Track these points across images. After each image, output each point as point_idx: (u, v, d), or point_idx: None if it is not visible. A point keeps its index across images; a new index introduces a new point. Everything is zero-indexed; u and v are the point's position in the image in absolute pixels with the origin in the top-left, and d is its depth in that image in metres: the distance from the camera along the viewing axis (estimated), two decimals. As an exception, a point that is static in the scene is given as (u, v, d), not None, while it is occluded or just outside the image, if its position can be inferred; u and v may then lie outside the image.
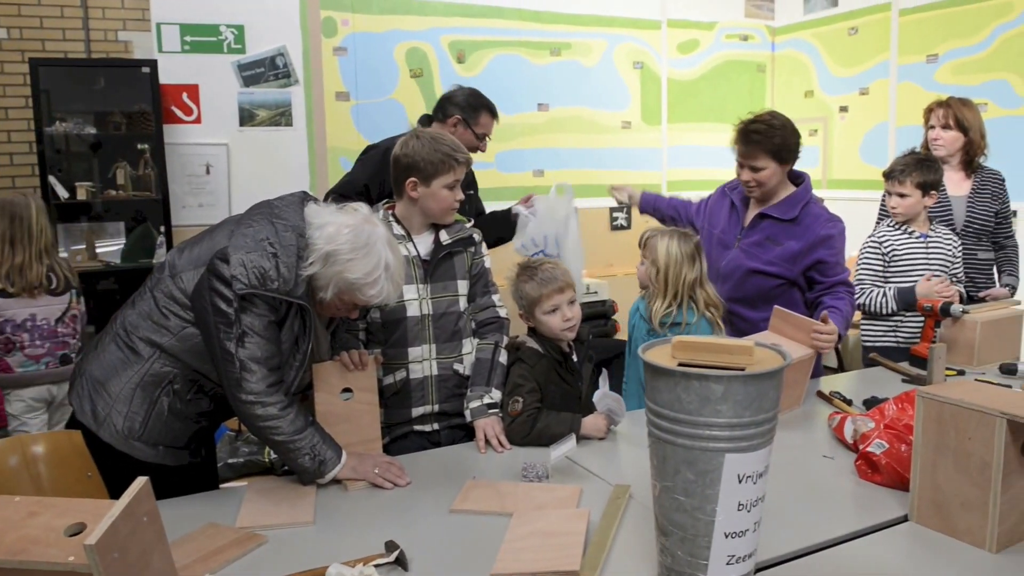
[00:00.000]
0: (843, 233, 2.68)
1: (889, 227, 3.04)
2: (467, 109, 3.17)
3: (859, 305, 2.96)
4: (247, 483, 1.94)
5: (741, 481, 1.25)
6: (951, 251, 3.02)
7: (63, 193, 4.14)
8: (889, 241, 3.00)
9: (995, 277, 3.37)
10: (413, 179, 2.16)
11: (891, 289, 2.93)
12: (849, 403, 2.35)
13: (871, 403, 2.28)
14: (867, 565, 1.46)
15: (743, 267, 2.68)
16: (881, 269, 3.00)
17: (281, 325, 1.82)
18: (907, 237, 2.99)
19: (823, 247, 2.61)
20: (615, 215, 5.75)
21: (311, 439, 1.80)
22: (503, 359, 2.25)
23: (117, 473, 1.77)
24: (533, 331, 2.29)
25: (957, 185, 3.30)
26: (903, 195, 2.96)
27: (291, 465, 1.84)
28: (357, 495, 1.81)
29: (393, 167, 2.21)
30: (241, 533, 1.60)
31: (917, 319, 2.91)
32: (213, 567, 1.46)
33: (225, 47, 4.58)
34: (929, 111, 3.36)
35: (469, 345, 2.27)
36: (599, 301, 5.03)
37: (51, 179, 4.10)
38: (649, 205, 3.16)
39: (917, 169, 2.93)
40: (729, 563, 1.28)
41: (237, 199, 4.60)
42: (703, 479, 1.25)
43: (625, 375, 2.66)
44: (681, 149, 5.96)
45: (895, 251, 2.98)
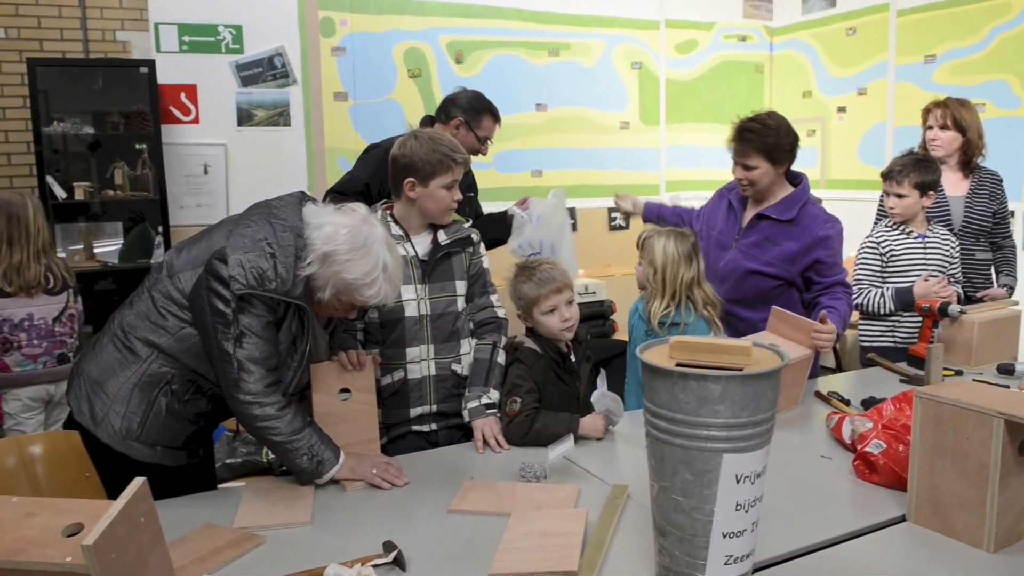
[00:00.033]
0: (841, 233, 2.68)
1: (887, 227, 3.05)
2: (470, 112, 3.17)
3: (857, 305, 2.96)
4: (245, 483, 1.94)
5: (739, 481, 1.25)
6: (949, 251, 3.02)
7: (61, 193, 4.14)
8: (887, 241, 3.01)
9: (993, 277, 3.37)
10: (411, 179, 2.15)
11: (889, 289, 2.94)
12: (847, 403, 2.35)
13: (869, 403, 2.28)
14: (865, 565, 1.46)
15: (741, 268, 2.68)
16: (879, 269, 3.01)
17: (279, 325, 1.82)
18: (905, 237, 3.00)
19: (821, 247, 2.62)
20: (613, 215, 5.74)
21: (309, 439, 1.80)
22: (501, 359, 2.25)
23: (115, 473, 1.77)
24: (531, 331, 2.29)
25: (955, 185, 3.31)
26: (901, 195, 2.96)
27: (289, 465, 1.84)
28: (355, 495, 1.81)
29: (391, 167, 2.20)
30: (239, 533, 1.60)
31: (915, 319, 2.91)
32: (211, 567, 1.46)
33: (223, 47, 4.58)
34: (927, 111, 3.36)
35: (467, 345, 2.27)
36: (597, 301, 5.03)
37: (49, 179, 4.10)
38: (652, 214, 3.16)
39: (915, 169, 2.94)
40: (727, 563, 1.29)
41: (235, 199, 4.59)
42: (701, 479, 1.25)
43: (626, 375, 2.67)
44: (679, 149, 5.96)
45: (893, 251, 2.99)
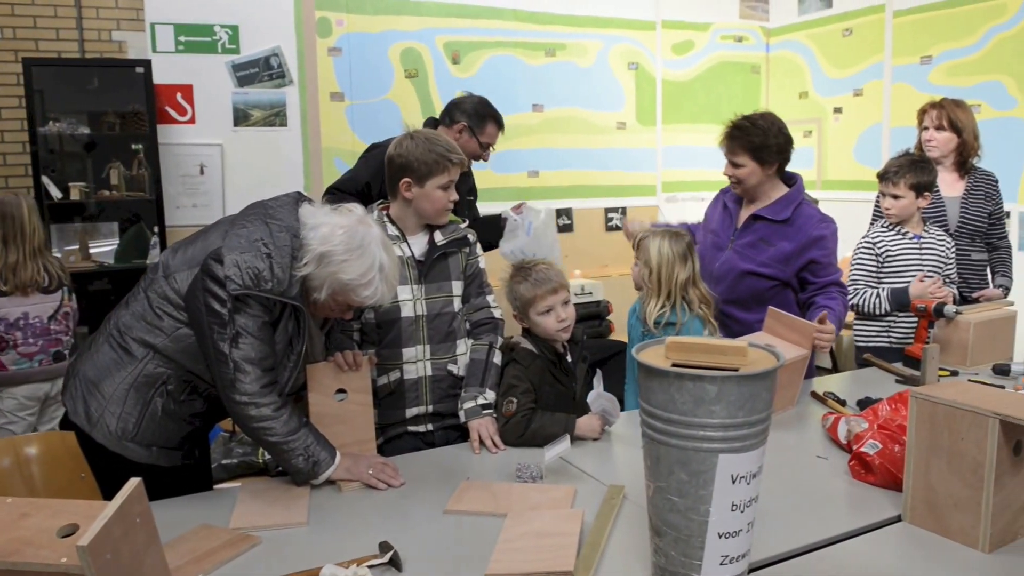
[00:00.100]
0: (835, 234, 2.68)
1: (883, 228, 3.05)
2: (474, 117, 3.17)
3: (853, 306, 2.97)
4: (241, 484, 1.95)
5: (735, 481, 1.25)
6: (944, 252, 3.02)
7: (56, 193, 4.13)
8: (883, 242, 3.01)
9: (988, 278, 3.38)
10: (407, 179, 2.15)
11: (884, 290, 2.94)
12: (843, 403, 2.35)
13: (865, 403, 2.29)
14: (860, 565, 1.46)
15: (736, 268, 2.69)
16: (875, 270, 3.01)
17: (275, 326, 1.81)
18: (901, 238, 3.00)
19: (815, 248, 2.62)
20: (610, 216, 5.75)
21: (305, 440, 1.80)
22: (497, 360, 2.25)
23: (110, 474, 1.77)
24: (527, 332, 2.29)
25: (951, 186, 3.31)
26: (897, 196, 2.97)
27: (285, 466, 1.84)
28: (351, 496, 1.81)
29: (387, 167, 2.20)
30: (234, 534, 1.60)
31: (910, 319, 2.92)
32: (206, 568, 1.46)
33: (219, 47, 4.57)
34: (923, 112, 3.36)
35: (463, 346, 2.27)
36: (593, 302, 5.04)
37: (44, 179, 4.09)
38: None
39: (911, 170, 2.94)
40: (723, 563, 1.29)
41: (231, 199, 4.59)
42: (697, 479, 1.25)
43: (625, 376, 2.67)
44: (676, 150, 5.97)
45: (889, 252, 2.99)
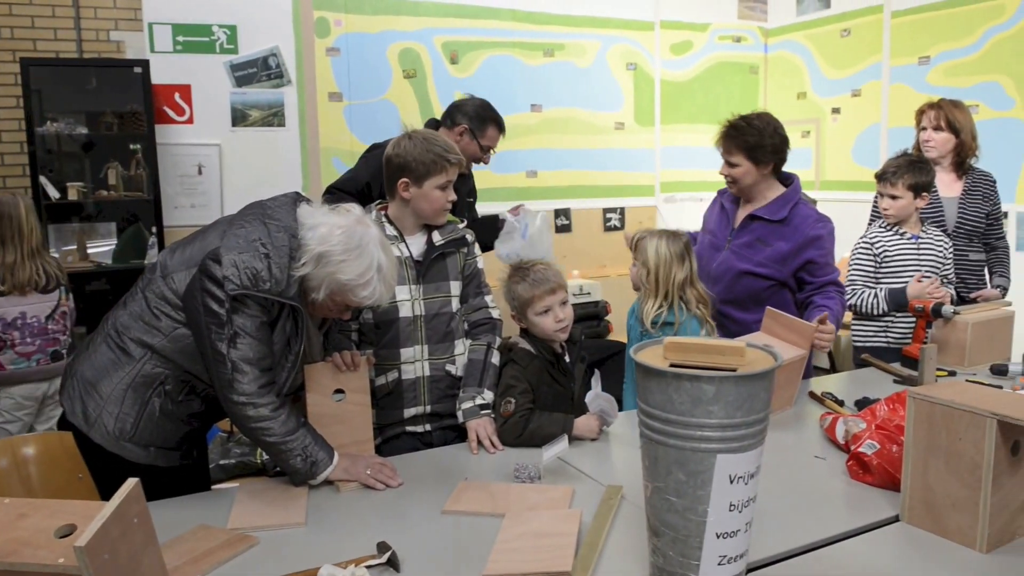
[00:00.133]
0: (832, 233, 2.68)
1: (881, 228, 3.05)
2: (475, 120, 3.17)
3: (850, 306, 2.97)
4: (239, 484, 1.94)
5: (732, 482, 1.25)
6: (942, 252, 3.03)
7: (54, 193, 4.13)
8: (881, 242, 3.01)
9: (986, 278, 3.38)
10: (405, 179, 2.15)
11: (882, 290, 2.94)
12: (841, 404, 2.35)
13: (862, 404, 2.29)
14: (858, 565, 1.46)
15: (734, 269, 2.69)
16: (872, 270, 3.01)
17: (273, 326, 1.81)
18: (899, 238, 3.00)
19: (812, 247, 2.62)
20: (608, 216, 5.75)
21: (303, 440, 1.80)
22: (495, 360, 2.25)
23: (108, 474, 1.77)
24: (525, 332, 2.29)
25: (948, 186, 3.31)
26: (895, 197, 2.97)
27: (283, 466, 1.84)
28: (349, 496, 1.81)
29: (385, 167, 2.20)
30: (232, 534, 1.60)
31: (908, 320, 2.92)
32: (204, 568, 1.46)
33: (217, 47, 4.57)
34: (921, 113, 3.36)
35: (461, 346, 2.27)
36: (592, 302, 5.03)
37: (42, 179, 4.08)
38: None
39: (909, 171, 2.94)
40: (720, 563, 1.29)
41: (229, 200, 4.58)
42: (695, 480, 1.25)
43: (625, 376, 2.67)
44: (674, 150, 5.97)
45: (887, 252, 2.99)
